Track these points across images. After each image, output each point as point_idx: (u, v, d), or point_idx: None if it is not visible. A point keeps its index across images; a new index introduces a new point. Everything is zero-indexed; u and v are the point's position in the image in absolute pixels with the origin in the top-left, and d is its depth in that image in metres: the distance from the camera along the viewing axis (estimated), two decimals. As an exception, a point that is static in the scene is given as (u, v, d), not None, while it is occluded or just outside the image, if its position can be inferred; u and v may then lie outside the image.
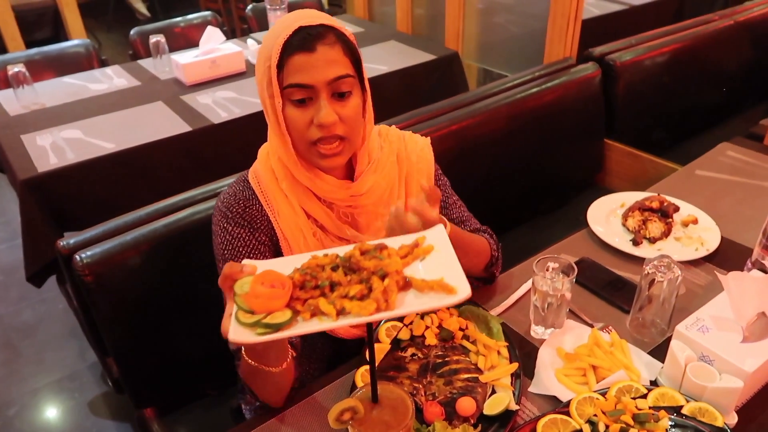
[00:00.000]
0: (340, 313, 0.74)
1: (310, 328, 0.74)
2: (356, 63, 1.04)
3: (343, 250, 0.84)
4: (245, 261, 0.82)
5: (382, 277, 0.77)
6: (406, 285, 0.78)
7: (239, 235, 1.10)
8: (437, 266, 0.80)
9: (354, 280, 0.78)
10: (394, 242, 0.86)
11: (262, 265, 0.81)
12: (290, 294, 0.76)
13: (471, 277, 1.28)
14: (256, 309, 0.74)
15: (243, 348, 0.93)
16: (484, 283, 1.34)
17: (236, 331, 0.73)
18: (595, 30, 2.64)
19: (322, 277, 0.79)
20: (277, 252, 1.15)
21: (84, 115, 2.33)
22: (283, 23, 1.01)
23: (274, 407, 1.08)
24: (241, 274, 0.78)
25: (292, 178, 1.11)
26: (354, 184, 1.13)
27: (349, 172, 1.16)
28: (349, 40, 1.03)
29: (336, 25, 1.02)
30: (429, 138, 1.27)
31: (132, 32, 3.17)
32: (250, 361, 0.94)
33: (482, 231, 1.31)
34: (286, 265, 0.82)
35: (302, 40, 0.98)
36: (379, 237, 1.06)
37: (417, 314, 1.17)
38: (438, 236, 0.85)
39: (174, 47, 2.91)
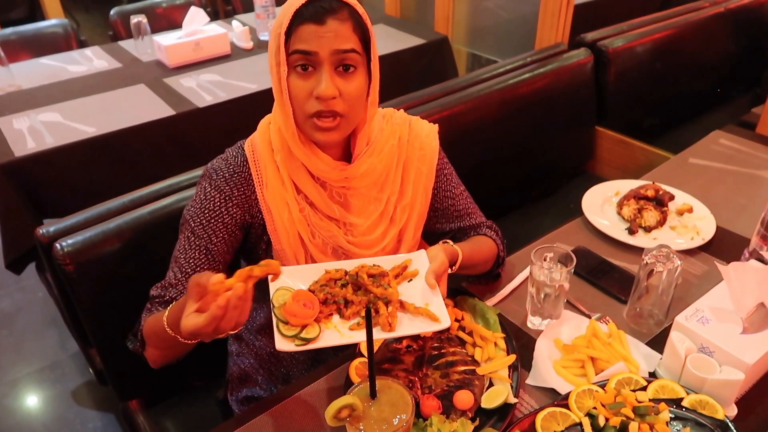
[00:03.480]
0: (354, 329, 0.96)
1: (332, 342, 0.94)
2: (366, 43, 1.02)
3: (349, 265, 1.03)
4: (284, 273, 0.97)
5: (386, 303, 0.97)
6: (401, 307, 0.99)
7: (212, 198, 1.09)
8: (423, 289, 1.01)
9: (363, 301, 0.98)
10: (387, 263, 1.05)
11: (285, 271, 0.99)
12: (318, 311, 0.96)
13: (476, 275, 1.28)
14: (292, 323, 0.93)
15: (170, 307, 0.98)
16: (487, 279, 1.32)
17: (280, 341, 0.92)
18: (587, 15, 2.60)
19: (338, 294, 0.99)
20: (246, 229, 1.13)
21: (63, 98, 2.26)
22: None
23: (154, 366, 1.09)
24: (206, 288, 0.82)
25: (288, 152, 1.09)
26: (349, 167, 1.10)
27: (346, 153, 1.13)
28: (362, 19, 1.00)
29: (350, 1, 0.99)
30: (437, 125, 1.23)
31: (112, 12, 3.09)
32: (170, 331, 0.96)
33: (486, 226, 1.28)
34: (300, 273, 1.02)
35: (314, 12, 0.96)
36: (369, 221, 1.14)
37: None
38: (421, 261, 1.05)
39: (156, 28, 2.83)
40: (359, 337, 0.95)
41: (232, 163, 1.11)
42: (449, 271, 1.10)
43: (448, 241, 1.14)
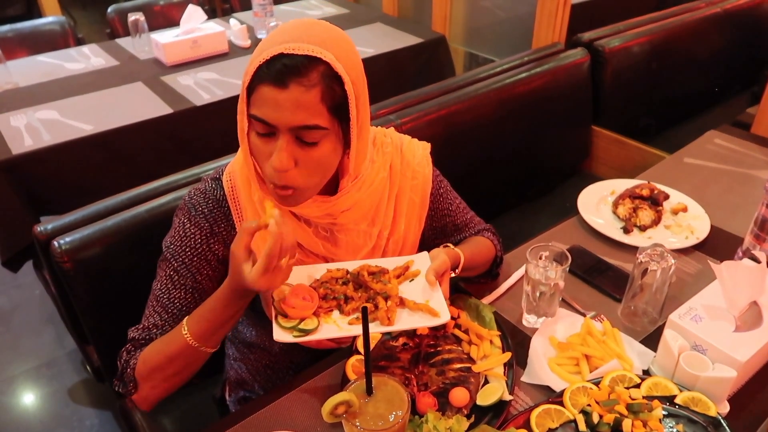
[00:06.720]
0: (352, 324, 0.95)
1: (329, 334, 0.94)
2: (338, 107, 0.90)
3: (351, 266, 1.03)
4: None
5: (386, 298, 0.97)
6: (401, 303, 0.99)
7: (192, 236, 1.04)
8: (424, 288, 1.01)
9: (363, 297, 0.98)
10: (390, 263, 1.06)
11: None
12: (317, 305, 0.96)
13: (475, 276, 1.27)
14: (291, 316, 0.93)
15: (187, 326, 0.98)
16: (486, 279, 1.32)
17: (278, 332, 0.92)
18: (584, 15, 2.61)
19: (339, 291, 0.99)
20: (227, 264, 1.00)
21: (60, 96, 2.26)
22: (271, 38, 0.89)
23: (148, 408, 1.08)
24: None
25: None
26: (331, 202, 1.03)
27: (332, 185, 1.05)
28: (337, 82, 0.88)
29: (326, 57, 0.86)
30: (429, 145, 1.18)
31: (109, 10, 3.09)
32: (193, 343, 0.97)
33: (485, 230, 1.28)
34: (303, 272, 1.03)
35: (276, 72, 0.85)
36: (358, 257, 1.10)
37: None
38: (423, 262, 1.05)
39: (153, 26, 2.83)
40: (357, 330, 0.92)
41: (210, 197, 1.05)
42: (453, 274, 1.07)
43: (449, 245, 1.12)
